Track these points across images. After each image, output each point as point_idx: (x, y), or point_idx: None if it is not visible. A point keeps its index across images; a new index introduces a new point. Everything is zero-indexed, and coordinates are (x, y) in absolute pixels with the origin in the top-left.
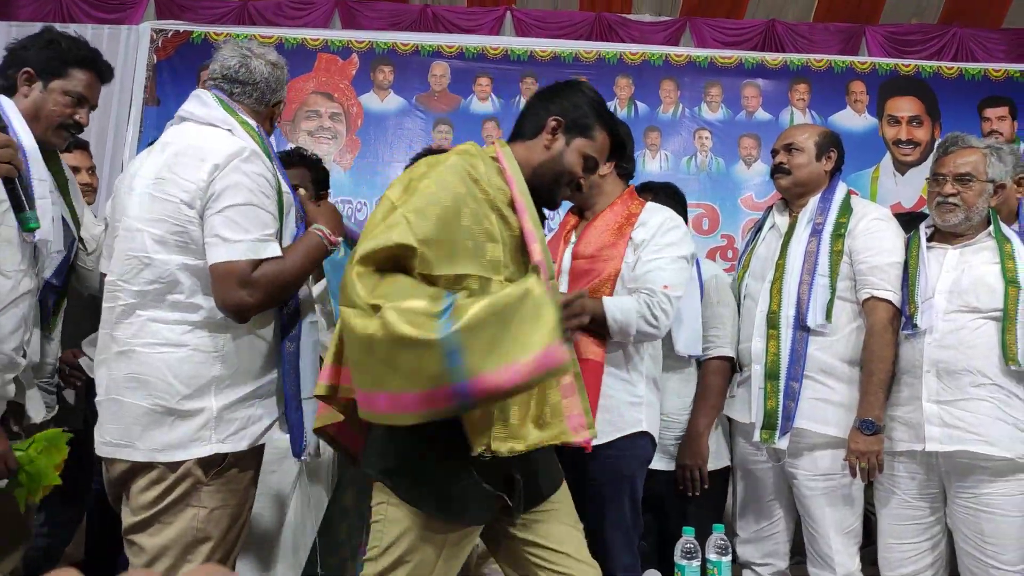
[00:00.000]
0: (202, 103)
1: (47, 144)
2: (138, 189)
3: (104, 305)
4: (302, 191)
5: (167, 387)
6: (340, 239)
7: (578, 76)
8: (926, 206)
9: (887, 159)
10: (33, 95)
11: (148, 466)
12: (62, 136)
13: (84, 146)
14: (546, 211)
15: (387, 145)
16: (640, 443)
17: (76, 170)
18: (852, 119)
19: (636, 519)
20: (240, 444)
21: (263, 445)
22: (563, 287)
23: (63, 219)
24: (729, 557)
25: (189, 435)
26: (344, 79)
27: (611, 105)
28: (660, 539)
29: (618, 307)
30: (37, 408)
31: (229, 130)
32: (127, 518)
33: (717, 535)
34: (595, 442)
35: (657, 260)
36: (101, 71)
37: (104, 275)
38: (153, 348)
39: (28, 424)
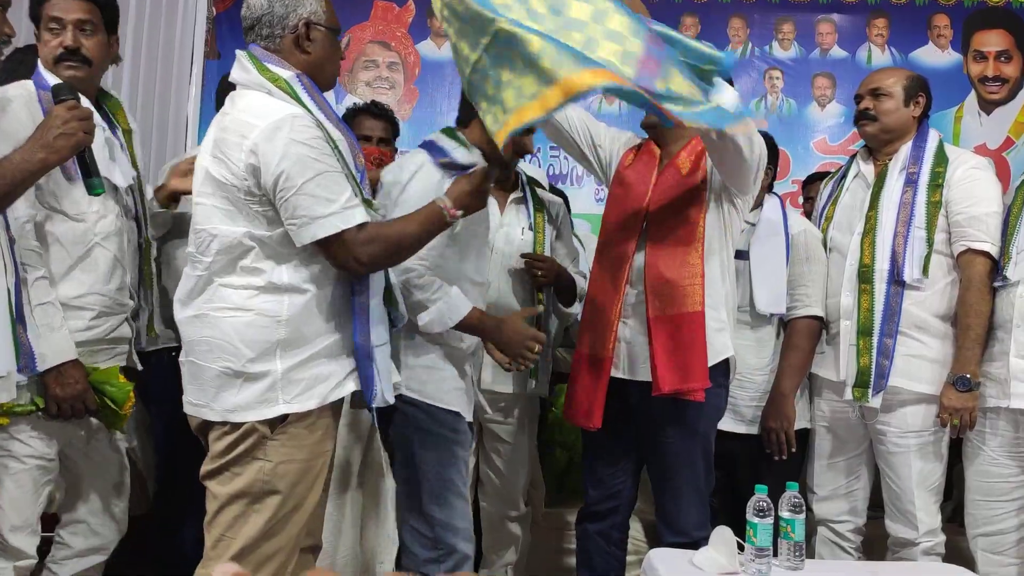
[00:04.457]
0: (241, 67)
1: (73, 83)
2: (199, 164)
3: (185, 272)
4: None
5: (235, 351)
6: (460, 212)
7: (640, 16)
8: (1009, 149)
9: (972, 98)
10: (40, 47)
11: (220, 422)
12: (66, 69)
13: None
14: None
15: (445, 94)
16: (717, 390)
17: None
18: (935, 55)
19: (709, 476)
20: (307, 403)
21: (340, 402)
22: (647, 224)
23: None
24: (803, 515)
25: (257, 396)
26: (401, 27)
27: None
28: (731, 499)
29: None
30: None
31: (268, 92)
32: (205, 464)
33: (791, 492)
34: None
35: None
36: None
37: None
38: (223, 313)
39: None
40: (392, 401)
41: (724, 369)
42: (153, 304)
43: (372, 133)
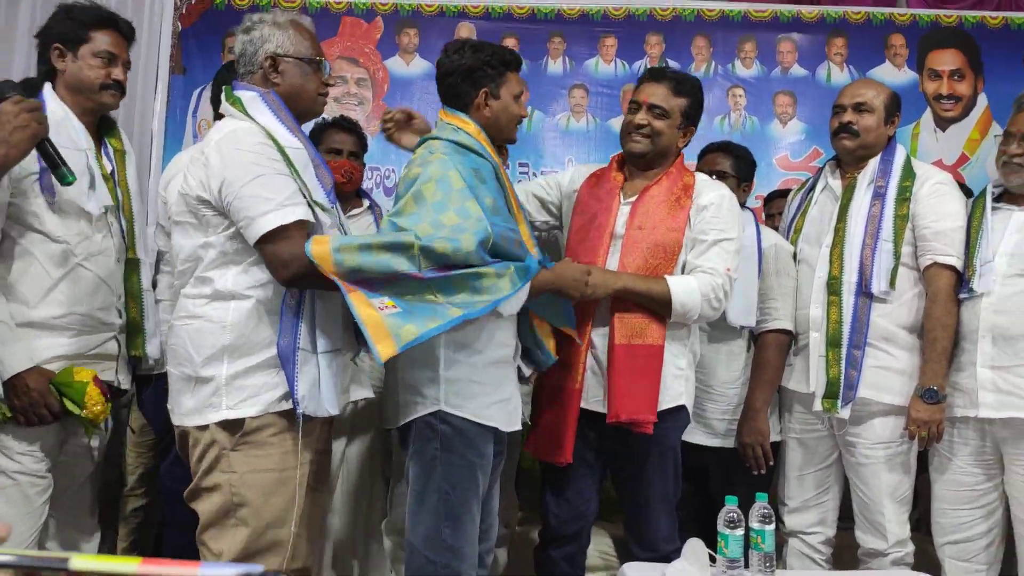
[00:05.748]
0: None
1: (101, 107)
2: (174, 185)
3: None
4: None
5: (187, 356)
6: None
7: (607, 34)
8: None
9: (928, 115)
10: (69, 68)
11: (188, 431)
12: (110, 96)
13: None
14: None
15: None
16: (681, 415)
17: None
18: (892, 74)
19: (676, 489)
20: (250, 410)
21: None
22: (616, 254)
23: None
24: (773, 526)
25: (204, 401)
26: (369, 43)
27: (641, 64)
28: (703, 512)
29: (683, 289)
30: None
31: (231, 115)
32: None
33: (760, 503)
34: None
35: (723, 242)
36: (122, 28)
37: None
38: (181, 321)
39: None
40: (335, 413)
41: (678, 412)
42: (145, 321)
43: (342, 147)
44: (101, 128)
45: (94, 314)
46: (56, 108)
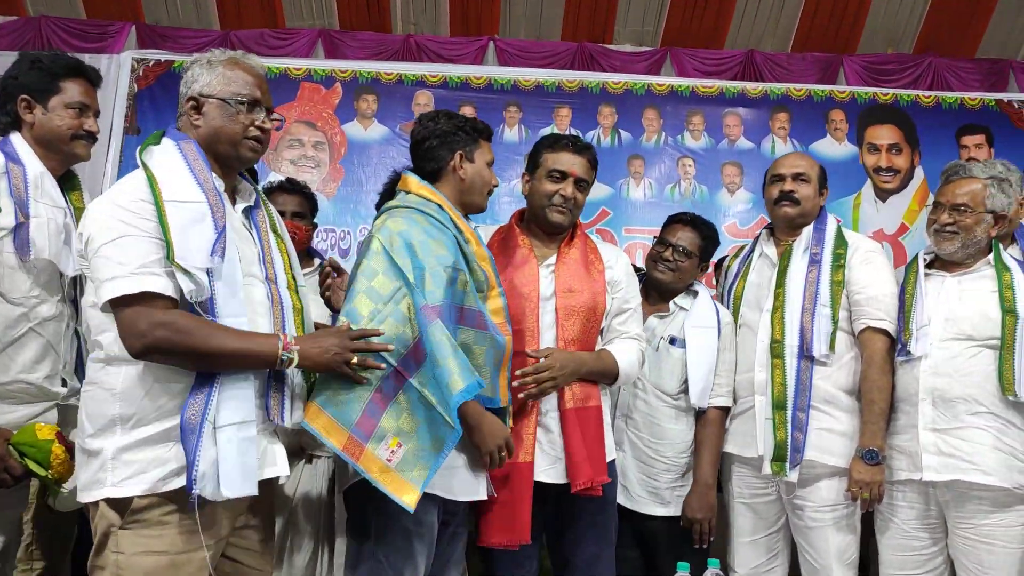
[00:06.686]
0: None
1: (73, 158)
2: None
3: None
4: None
5: (81, 425)
6: (293, 358)
7: (561, 105)
8: (904, 234)
9: (868, 186)
10: (38, 119)
11: (88, 506)
12: (82, 146)
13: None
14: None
15: (371, 174)
16: (614, 466)
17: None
18: (832, 147)
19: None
20: (135, 488)
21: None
22: (547, 316)
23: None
24: None
25: (91, 476)
26: (327, 108)
27: (595, 134)
28: None
29: (627, 360)
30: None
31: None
32: None
33: (713, 570)
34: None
35: (637, 307)
36: (90, 76)
37: None
38: (84, 388)
39: None
40: (238, 495)
41: (612, 464)
42: None
43: (284, 208)
44: (63, 184)
45: (39, 383)
46: (34, 163)
